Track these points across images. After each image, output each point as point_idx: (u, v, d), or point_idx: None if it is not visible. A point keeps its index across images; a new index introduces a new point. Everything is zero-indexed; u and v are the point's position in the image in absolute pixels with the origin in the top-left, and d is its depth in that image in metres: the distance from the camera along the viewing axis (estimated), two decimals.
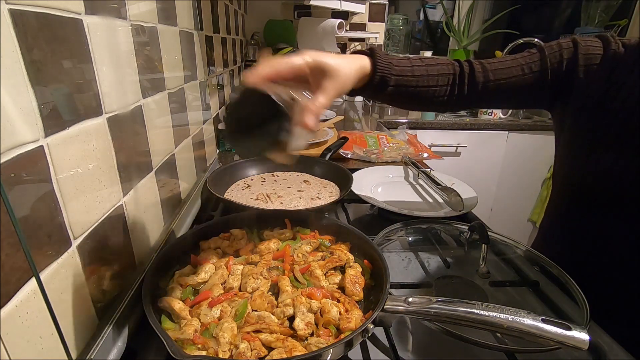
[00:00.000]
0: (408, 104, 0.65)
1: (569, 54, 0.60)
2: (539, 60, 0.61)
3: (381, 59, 0.55)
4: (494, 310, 0.38)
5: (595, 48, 0.59)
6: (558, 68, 0.60)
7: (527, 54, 0.62)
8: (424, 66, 0.60)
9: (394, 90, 0.58)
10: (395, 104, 0.65)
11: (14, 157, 0.27)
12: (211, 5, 0.99)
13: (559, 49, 0.60)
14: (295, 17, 2.03)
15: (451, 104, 0.64)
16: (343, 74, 0.47)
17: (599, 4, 1.97)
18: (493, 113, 1.88)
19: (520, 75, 0.61)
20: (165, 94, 0.61)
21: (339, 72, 0.46)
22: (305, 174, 0.94)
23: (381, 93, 0.58)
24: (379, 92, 0.57)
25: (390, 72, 0.56)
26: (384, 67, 0.55)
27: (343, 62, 0.48)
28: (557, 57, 0.60)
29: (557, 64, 0.60)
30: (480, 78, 0.61)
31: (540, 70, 0.60)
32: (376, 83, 0.55)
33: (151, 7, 0.55)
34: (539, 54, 0.61)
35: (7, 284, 0.26)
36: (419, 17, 2.40)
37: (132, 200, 0.48)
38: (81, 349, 0.36)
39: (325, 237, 0.59)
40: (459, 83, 0.62)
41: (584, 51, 0.59)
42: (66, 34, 0.34)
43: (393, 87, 0.57)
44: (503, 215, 2.00)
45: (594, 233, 0.62)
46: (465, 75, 0.62)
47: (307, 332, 0.42)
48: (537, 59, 0.61)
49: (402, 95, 0.59)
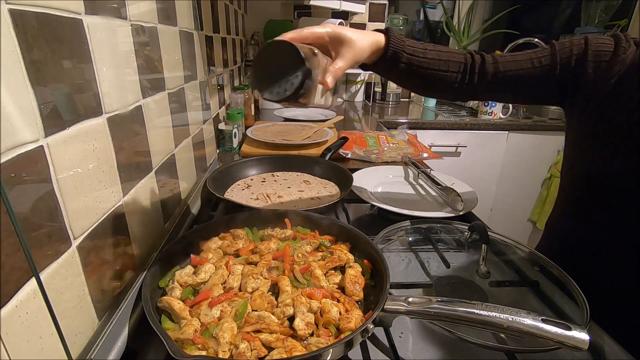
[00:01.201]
0: (418, 86, 0.68)
1: (579, 50, 0.61)
2: (549, 55, 0.62)
3: (395, 36, 0.60)
4: (494, 310, 0.38)
5: (607, 46, 0.59)
6: (567, 63, 0.61)
7: (538, 49, 0.64)
8: (436, 51, 0.63)
9: (405, 68, 0.61)
10: (405, 84, 0.68)
11: (14, 157, 0.27)
12: (211, 5, 0.99)
13: (570, 45, 0.61)
14: (295, 17, 2.03)
15: (460, 92, 0.66)
16: (359, 45, 0.54)
17: (599, 4, 1.97)
18: (493, 113, 1.88)
19: (530, 68, 0.62)
20: (165, 94, 0.61)
21: (355, 42, 0.53)
22: (305, 174, 0.94)
23: (393, 68, 0.61)
24: (391, 67, 0.61)
25: (403, 49, 0.60)
26: (397, 44, 0.59)
27: (359, 35, 0.55)
28: (567, 52, 0.61)
29: (567, 59, 0.61)
30: (490, 69, 0.64)
31: (549, 64, 0.62)
32: (389, 58, 0.60)
33: (151, 7, 0.55)
34: (550, 49, 0.63)
35: (7, 284, 0.26)
36: (419, 17, 2.40)
37: (132, 200, 0.48)
38: (81, 349, 0.36)
39: (325, 237, 0.59)
40: (469, 72, 0.64)
41: (594, 48, 0.60)
42: (66, 34, 0.34)
43: (405, 64, 0.61)
44: (503, 215, 1.99)
45: (594, 233, 0.62)
46: (476, 65, 0.64)
47: (307, 332, 0.42)
48: (548, 53, 0.62)
49: (412, 75, 0.63)
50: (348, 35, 0.53)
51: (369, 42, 0.56)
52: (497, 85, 0.65)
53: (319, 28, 0.52)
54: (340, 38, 0.52)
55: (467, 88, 0.65)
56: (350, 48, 0.53)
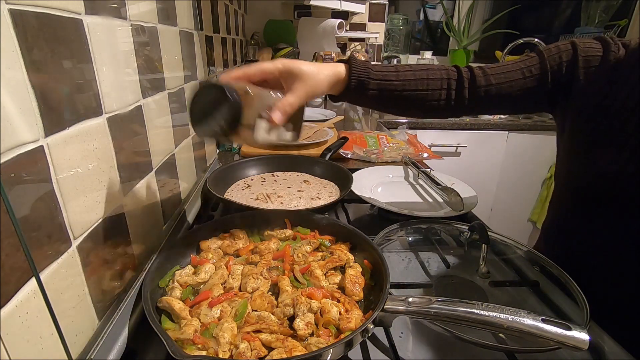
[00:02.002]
0: (398, 109, 0.65)
1: (568, 57, 0.60)
2: (538, 64, 0.61)
3: (357, 65, 0.57)
4: (494, 310, 0.38)
5: (595, 50, 0.59)
6: (558, 71, 0.60)
7: (525, 58, 0.62)
8: (411, 71, 0.61)
9: (377, 94, 0.59)
10: (384, 110, 0.66)
11: (14, 157, 0.27)
12: (211, 5, 0.99)
13: (558, 51, 0.60)
14: (295, 17, 2.03)
15: (451, 110, 0.63)
16: (313, 78, 0.51)
17: (599, 4, 1.97)
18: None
19: (521, 78, 0.61)
20: (165, 94, 0.61)
21: (309, 76, 0.51)
22: (305, 174, 0.94)
23: (362, 96, 0.59)
24: (360, 95, 0.59)
25: (369, 76, 0.57)
26: (360, 72, 0.57)
27: (314, 68, 0.52)
28: (557, 59, 0.60)
29: (557, 66, 0.60)
30: (481, 82, 0.61)
31: (540, 73, 0.60)
32: (353, 87, 0.57)
33: (151, 7, 0.55)
34: (538, 57, 0.61)
35: (7, 284, 0.26)
36: (419, 17, 2.40)
37: (132, 200, 0.48)
38: (81, 349, 0.36)
39: (325, 237, 0.60)
40: (457, 88, 0.62)
41: (583, 53, 0.59)
42: (66, 34, 0.34)
43: (375, 90, 0.58)
44: (503, 215, 2.00)
45: (594, 233, 0.62)
46: (464, 80, 0.61)
47: (307, 332, 0.42)
48: (537, 62, 0.61)
49: (388, 100, 0.60)
50: (301, 69, 0.50)
51: (325, 74, 0.54)
52: (490, 98, 0.62)
53: (268, 64, 0.50)
54: (293, 72, 0.50)
55: (459, 105, 0.62)
56: (303, 82, 0.50)
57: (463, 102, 0.62)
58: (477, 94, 0.62)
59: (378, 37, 2.09)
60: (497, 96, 0.61)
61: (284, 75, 0.51)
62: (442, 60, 2.34)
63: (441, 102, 0.62)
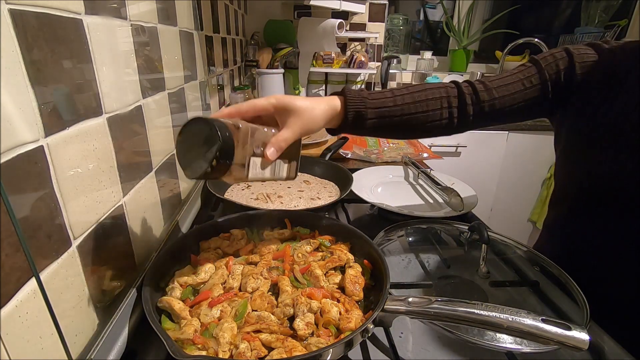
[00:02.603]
0: (402, 134, 0.64)
1: (565, 64, 0.60)
2: (536, 74, 0.61)
3: (353, 96, 0.56)
4: (494, 310, 0.38)
5: (589, 55, 0.59)
6: (556, 79, 0.60)
7: (523, 68, 0.62)
8: (409, 94, 0.59)
9: (376, 123, 0.58)
10: (389, 136, 0.64)
11: (14, 157, 0.27)
12: (211, 5, 0.99)
13: (554, 60, 0.60)
14: (295, 17, 2.03)
15: (455, 127, 0.62)
16: (309, 114, 0.50)
17: (599, 4, 1.97)
18: None
19: (522, 90, 0.60)
20: (165, 94, 0.61)
21: (304, 111, 0.49)
22: (305, 174, 0.94)
23: (362, 127, 0.58)
24: (360, 126, 0.58)
25: (366, 106, 0.56)
26: (356, 103, 0.56)
27: (309, 103, 0.51)
28: (554, 67, 0.60)
29: (555, 74, 0.60)
30: (485, 97, 0.60)
31: (540, 83, 0.60)
32: (351, 120, 0.56)
33: (151, 7, 0.55)
34: (535, 67, 0.61)
35: (7, 284, 0.26)
36: (419, 17, 2.40)
37: (132, 200, 0.48)
38: (81, 349, 0.36)
39: (325, 237, 0.59)
40: (460, 105, 0.61)
41: (579, 59, 0.59)
42: (66, 34, 0.34)
43: (375, 119, 0.57)
44: (503, 215, 1.99)
45: (593, 233, 0.62)
46: (466, 96, 0.60)
47: (307, 332, 0.42)
48: (535, 72, 0.61)
49: (389, 127, 0.59)
50: (296, 105, 0.49)
51: (321, 109, 0.52)
52: (495, 112, 0.61)
53: (261, 100, 0.48)
54: (287, 108, 0.49)
55: (463, 121, 0.61)
56: (298, 118, 0.49)
57: (467, 119, 0.61)
58: (482, 109, 0.61)
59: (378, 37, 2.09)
60: (501, 109, 0.61)
61: (278, 110, 0.49)
62: (442, 60, 2.34)
63: (443, 122, 0.61)
